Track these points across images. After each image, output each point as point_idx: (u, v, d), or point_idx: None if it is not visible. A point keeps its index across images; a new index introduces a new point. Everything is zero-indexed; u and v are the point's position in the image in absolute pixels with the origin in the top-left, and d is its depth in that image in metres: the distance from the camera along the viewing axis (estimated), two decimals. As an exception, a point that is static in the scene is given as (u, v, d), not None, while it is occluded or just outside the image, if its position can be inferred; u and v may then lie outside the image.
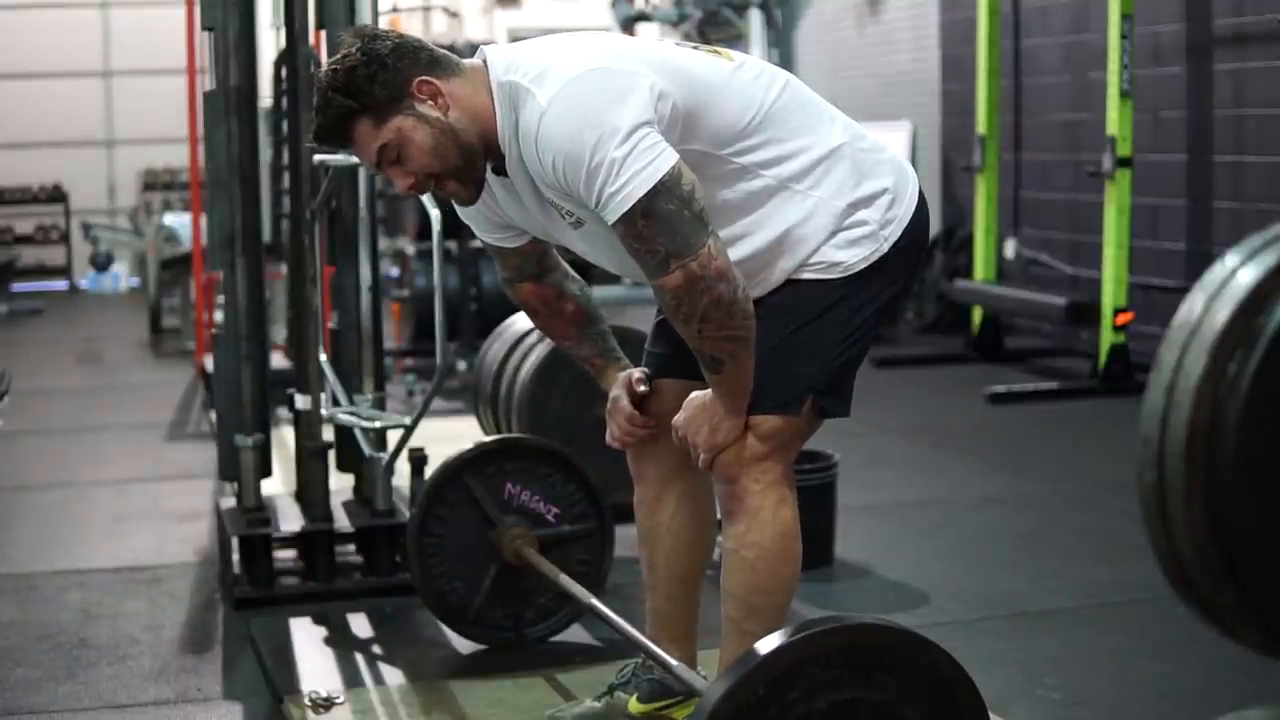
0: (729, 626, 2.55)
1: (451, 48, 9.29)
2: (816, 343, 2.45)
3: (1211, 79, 6.73)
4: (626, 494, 2.87)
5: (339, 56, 2.39)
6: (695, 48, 2.52)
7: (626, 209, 2.25)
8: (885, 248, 2.47)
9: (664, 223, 2.25)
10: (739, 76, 2.44)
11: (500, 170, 2.46)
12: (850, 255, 2.45)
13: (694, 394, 2.48)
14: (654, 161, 2.25)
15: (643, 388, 2.67)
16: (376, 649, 3.48)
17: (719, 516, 2.61)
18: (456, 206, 2.63)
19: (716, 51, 2.51)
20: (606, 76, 2.29)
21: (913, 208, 2.52)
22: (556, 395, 4.32)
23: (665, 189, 2.25)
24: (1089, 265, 7.41)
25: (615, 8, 11.07)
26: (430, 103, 2.37)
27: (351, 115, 2.36)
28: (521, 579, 3.34)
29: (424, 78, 2.37)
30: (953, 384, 7.20)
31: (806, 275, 2.46)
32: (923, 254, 2.61)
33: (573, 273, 2.80)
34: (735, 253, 2.40)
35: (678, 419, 2.49)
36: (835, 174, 2.45)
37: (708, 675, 2.61)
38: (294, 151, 4.03)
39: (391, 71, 2.35)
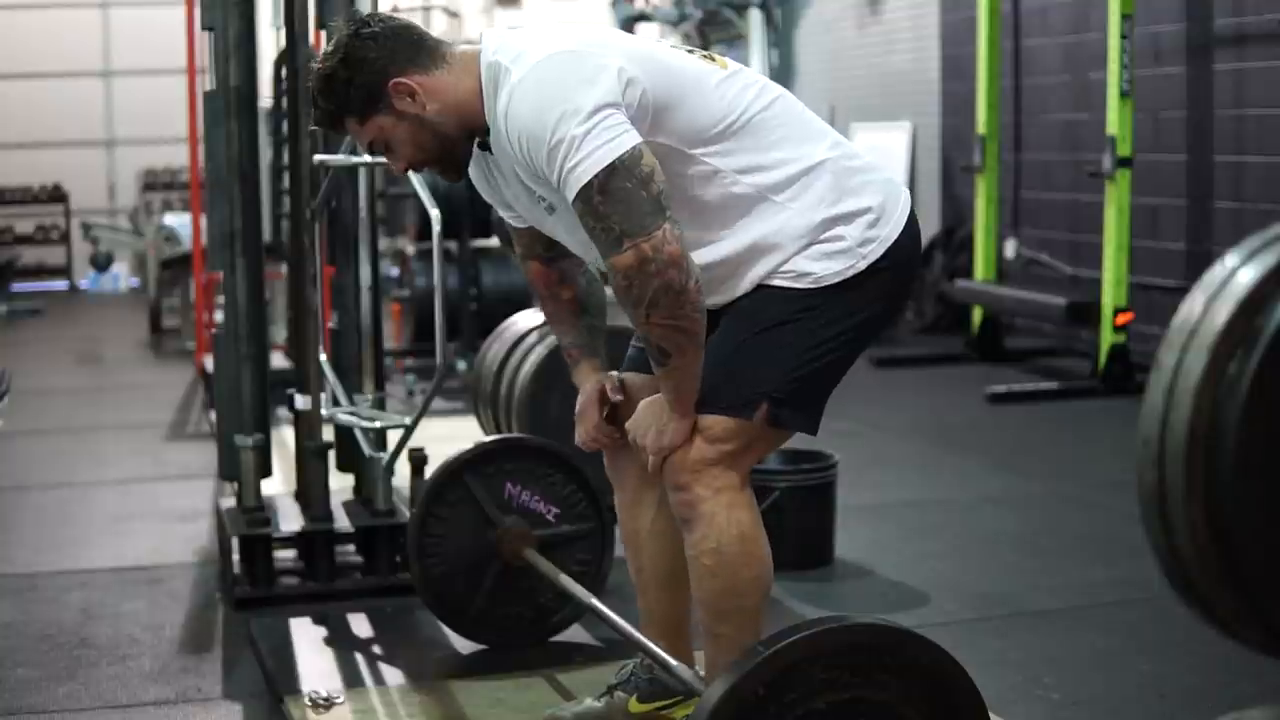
0: (703, 631, 2.55)
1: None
2: (777, 349, 2.42)
3: (1211, 79, 6.73)
4: (627, 494, 2.87)
5: (326, 53, 2.46)
6: (691, 51, 2.52)
7: (583, 183, 2.26)
8: (861, 265, 2.42)
9: (620, 201, 2.26)
10: (727, 84, 2.44)
11: (487, 147, 2.49)
12: (822, 267, 2.42)
13: (646, 399, 2.47)
14: (614, 140, 2.26)
15: (617, 396, 2.67)
16: (376, 649, 3.48)
17: None
18: (474, 180, 2.67)
19: (712, 58, 2.51)
20: (576, 59, 2.32)
21: (899, 230, 2.47)
22: (556, 395, 4.31)
23: (623, 167, 2.26)
24: (1089, 265, 7.41)
25: (615, 8, 11.08)
26: (409, 100, 2.43)
27: (336, 116, 2.48)
28: (521, 579, 3.34)
29: (399, 79, 2.42)
30: (953, 384, 7.20)
31: (776, 282, 2.43)
32: (910, 280, 2.56)
33: (590, 266, 2.81)
34: (706, 256, 2.40)
35: (630, 421, 2.49)
36: (815, 188, 2.43)
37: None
38: (294, 151, 4.04)
39: (369, 74, 2.42)
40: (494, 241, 7.51)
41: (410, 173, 2.70)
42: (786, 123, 2.46)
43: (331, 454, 4.03)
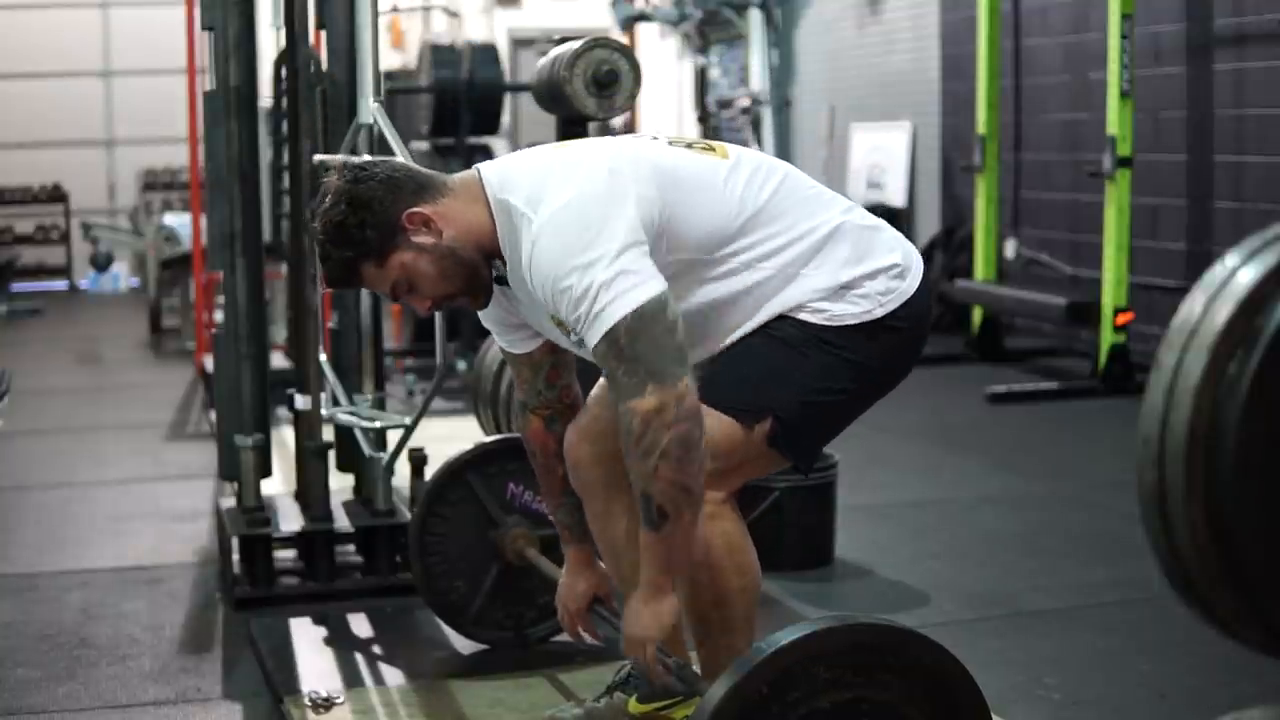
0: (695, 640, 2.56)
1: (451, 47, 9.19)
2: (791, 370, 2.42)
3: (1211, 79, 6.73)
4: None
5: (327, 205, 2.40)
6: (689, 145, 2.49)
7: (609, 326, 2.23)
8: (879, 312, 2.44)
9: (647, 343, 2.23)
10: (734, 177, 2.43)
11: (504, 280, 2.47)
12: (840, 308, 2.43)
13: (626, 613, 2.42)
14: (641, 285, 2.24)
15: (613, 617, 2.74)
16: (376, 649, 3.48)
17: None
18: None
19: (711, 148, 2.50)
20: (593, 202, 2.29)
21: (915, 285, 2.49)
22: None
23: (650, 312, 2.23)
24: (1089, 265, 7.41)
25: (615, 8, 11.08)
26: (424, 230, 2.39)
27: (353, 263, 2.41)
28: (523, 579, 3.34)
29: (412, 209, 2.39)
30: (953, 384, 7.20)
31: (796, 315, 2.44)
32: (920, 344, 2.55)
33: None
34: (731, 338, 2.43)
35: (625, 649, 2.43)
36: (837, 253, 2.44)
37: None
38: (294, 151, 4.04)
39: (379, 213, 2.37)
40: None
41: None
42: (796, 198, 2.47)
43: (331, 454, 4.03)
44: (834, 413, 2.50)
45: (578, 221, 2.27)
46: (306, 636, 3.56)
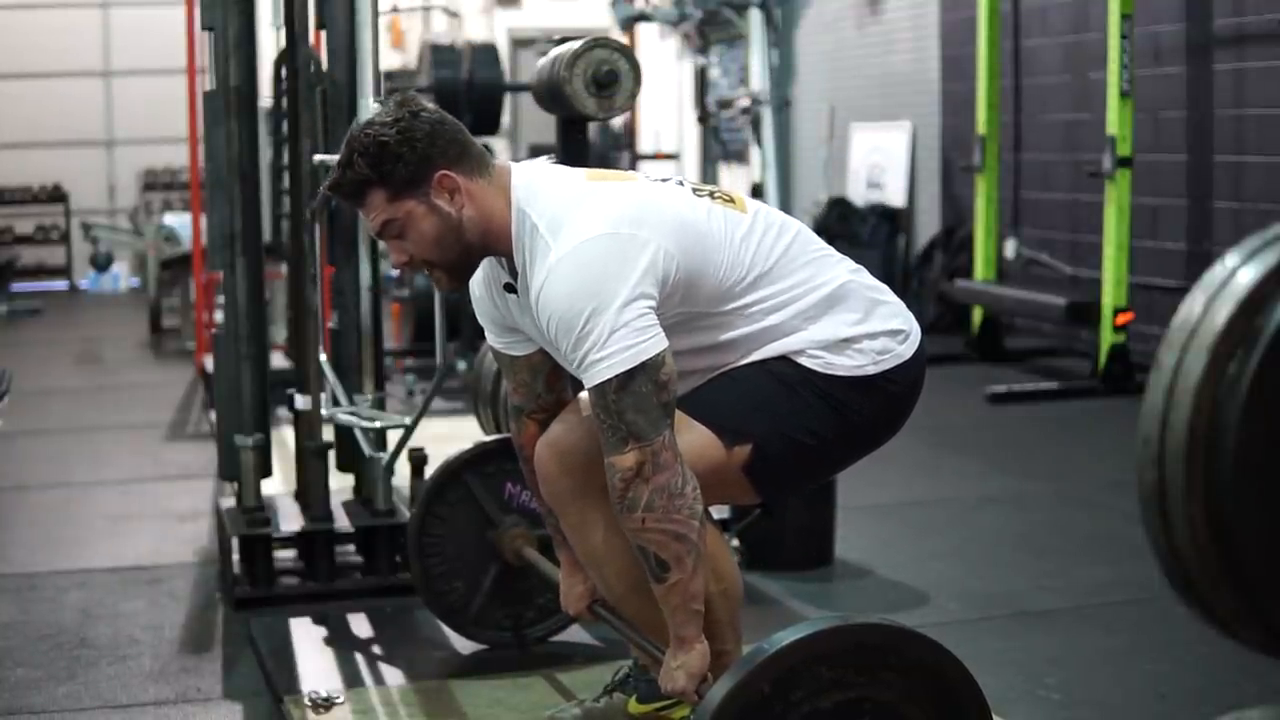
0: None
1: (451, 47, 9.19)
2: (782, 405, 2.43)
3: (1211, 79, 6.73)
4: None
5: (377, 122, 2.40)
6: (712, 195, 2.50)
7: (603, 379, 2.26)
8: (872, 369, 2.46)
9: (635, 402, 2.26)
10: (750, 237, 2.45)
11: (512, 289, 2.47)
12: (838, 360, 2.45)
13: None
14: (643, 343, 2.26)
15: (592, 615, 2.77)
16: (376, 649, 3.48)
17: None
18: (475, 306, 2.64)
19: (730, 200, 2.51)
20: (616, 245, 2.29)
21: (913, 351, 2.52)
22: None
23: (645, 372, 2.26)
24: (1089, 265, 7.41)
25: (615, 7, 11.07)
26: (447, 196, 2.39)
27: (369, 184, 2.40)
28: (521, 579, 3.34)
29: (447, 171, 2.39)
30: (953, 384, 7.19)
31: (796, 359, 2.45)
32: (907, 411, 2.58)
33: None
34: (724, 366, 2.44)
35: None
36: (841, 311, 2.46)
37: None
38: (294, 151, 4.04)
39: (419, 156, 2.37)
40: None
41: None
42: (806, 255, 2.49)
43: (331, 454, 4.03)
44: (811, 458, 2.51)
45: (593, 264, 2.28)
46: (306, 636, 3.56)
